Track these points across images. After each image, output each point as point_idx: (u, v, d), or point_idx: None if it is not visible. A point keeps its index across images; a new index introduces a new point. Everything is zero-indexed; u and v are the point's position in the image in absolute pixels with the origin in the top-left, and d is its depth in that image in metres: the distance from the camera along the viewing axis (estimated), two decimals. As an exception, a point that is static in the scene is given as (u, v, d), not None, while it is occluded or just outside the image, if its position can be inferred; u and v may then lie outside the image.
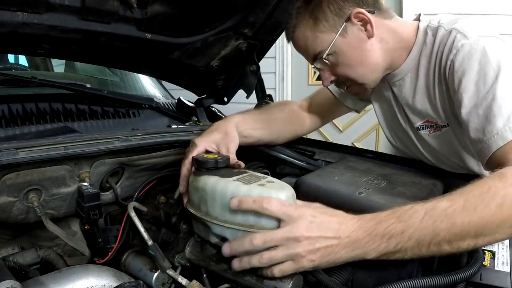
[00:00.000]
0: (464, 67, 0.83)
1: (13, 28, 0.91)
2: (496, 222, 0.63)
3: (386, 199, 0.79)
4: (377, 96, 1.15)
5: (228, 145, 0.98)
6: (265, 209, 0.65)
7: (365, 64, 0.96)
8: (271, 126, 1.20)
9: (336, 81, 1.03)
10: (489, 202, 0.63)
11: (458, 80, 0.84)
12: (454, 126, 0.96)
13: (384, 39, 0.96)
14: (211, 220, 0.73)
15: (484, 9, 2.76)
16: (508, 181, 0.65)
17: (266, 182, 0.74)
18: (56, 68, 2.08)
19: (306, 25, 0.96)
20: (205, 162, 0.80)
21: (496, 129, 0.75)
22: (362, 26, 0.94)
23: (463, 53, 0.84)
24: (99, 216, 0.92)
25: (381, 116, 1.18)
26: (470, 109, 0.81)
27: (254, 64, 1.38)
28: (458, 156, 1.02)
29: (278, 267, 0.65)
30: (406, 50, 0.98)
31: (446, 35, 0.89)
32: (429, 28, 0.95)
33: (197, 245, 0.85)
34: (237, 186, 0.71)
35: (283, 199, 0.68)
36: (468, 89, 0.82)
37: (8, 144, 0.82)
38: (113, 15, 1.01)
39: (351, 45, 0.94)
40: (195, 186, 0.77)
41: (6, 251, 0.88)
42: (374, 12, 0.94)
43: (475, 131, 0.81)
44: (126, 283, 0.76)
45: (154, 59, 1.29)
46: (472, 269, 0.65)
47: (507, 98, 0.76)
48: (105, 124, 1.37)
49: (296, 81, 3.69)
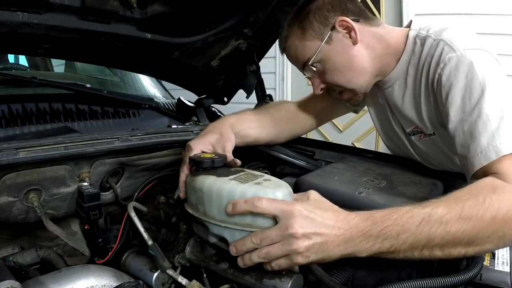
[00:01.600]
0: (451, 80, 0.84)
1: (13, 28, 0.91)
2: (488, 233, 0.65)
3: (386, 199, 0.80)
4: (371, 101, 1.17)
5: (224, 145, 0.99)
6: (257, 207, 0.66)
7: (352, 69, 0.99)
8: (268, 125, 1.20)
9: (326, 89, 1.06)
10: (483, 213, 0.64)
11: (445, 94, 0.85)
12: (442, 135, 0.97)
13: (370, 45, 0.98)
14: (209, 220, 0.73)
15: (484, 9, 2.76)
16: (501, 194, 0.66)
17: (262, 180, 0.73)
18: (56, 68, 2.08)
19: (295, 35, 1.01)
20: (201, 162, 0.80)
21: (480, 147, 0.76)
22: (347, 34, 0.97)
23: (450, 67, 0.84)
24: (99, 216, 0.93)
25: (376, 120, 1.20)
26: (456, 123, 0.82)
27: (254, 64, 1.38)
28: (450, 160, 1.02)
29: (275, 261, 0.66)
30: (395, 57, 1.00)
31: (434, 46, 0.90)
32: (418, 37, 0.96)
33: (197, 245, 0.85)
34: (234, 186, 0.71)
35: (280, 197, 0.69)
36: (455, 103, 0.82)
37: (8, 144, 0.82)
38: (113, 15, 1.01)
39: (336, 51, 0.98)
40: (193, 186, 0.77)
41: (6, 251, 0.88)
42: (359, 20, 0.98)
43: (460, 147, 0.81)
44: (126, 283, 0.76)
45: (154, 59, 1.29)
46: (472, 271, 0.65)
47: (493, 115, 0.76)
48: (105, 124, 1.37)
49: (296, 81, 3.69)
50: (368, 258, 0.66)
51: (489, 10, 2.75)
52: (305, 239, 0.64)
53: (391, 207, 0.67)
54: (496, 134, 0.75)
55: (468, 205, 0.65)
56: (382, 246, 0.64)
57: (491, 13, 2.74)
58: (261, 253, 0.66)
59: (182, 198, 0.91)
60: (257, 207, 0.66)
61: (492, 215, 0.64)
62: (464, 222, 0.64)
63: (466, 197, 0.67)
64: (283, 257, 0.65)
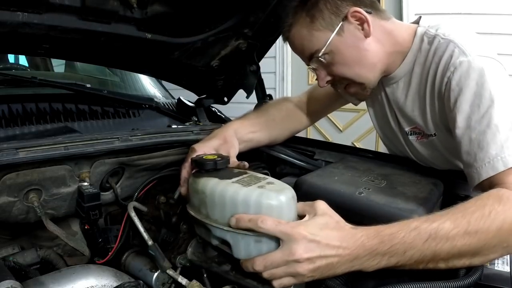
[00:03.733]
0: (460, 86, 0.82)
1: (13, 28, 0.91)
2: (493, 244, 0.65)
3: (386, 199, 0.79)
4: (370, 97, 1.14)
5: (228, 151, 0.98)
6: (260, 228, 0.66)
7: (362, 63, 0.95)
8: (270, 127, 1.20)
9: (332, 81, 1.01)
10: (489, 226, 0.64)
11: (454, 99, 0.83)
12: (442, 137, 0.96)
13: (380, 39, 0.95)
14: (211, 223, 0.73)
15: (484, 9, 2.76)
16: (507, 205, 0.66)
17: (266, 183, 0.72)
18: (56, 68, 2.08)
19: (303, 24, 0.95)
20: (204, 163, 0.79)
21: (488, 157, 0.75)
22: (359, 25, 0.93)
23: (461, 72, 0.82)
24: (99, 216, 0.93)
25: (374, 117, 1.19)
26: (463, 130, 0.81)
27: (254, 64, 1.38)
28: (446, 163, 1.02)
29: (279, 281, 0.66)
30: (401, 54, 0.97)
31: (443, 47, 0.88)
32: (426, 35, 0.94)
33: (199, 246, 0.84)
34: (237, 189, 0.70)
35: (283, 201, 0.68)
36: (463, 109, 0.81)
37: (8, 144, 0.82)
38: (113, 15, 1.01)
39: (347, 43, 0.93)
40: (195, 188, 0.77)
41: (6, 251, 0.88)
42: (371, 12, 0.94)
43: (466, 154, 0.80)
44: (126, 283, 0.76)
45: (154, 59, 1.29)
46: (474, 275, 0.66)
47: (502, 126, 0.76)
48: (105, 124, 1.37)
49: (296, 81, 3.69)
50: None
51: (489, 10, 2.75)
52: (309, 263, 0.63)
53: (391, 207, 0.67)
54: (505, 145, 0.74)
55: (474, 218, 0.65)
56: (389, 262, 0.65)
57: (491, 13, 2.74)
58: (265, 274, 0.66)
59: (184, 193, 0.90)
60: (260, 228, 0.65)
61: (497, 227, 0.64)
62: (470, 237, 0.64)
63: (472, 209, 0.66)
64: (289, 277, 0.66)
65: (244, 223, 0.67)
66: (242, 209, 0.69)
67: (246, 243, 0.69)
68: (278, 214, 0.68)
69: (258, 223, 0.65)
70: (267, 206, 0.67)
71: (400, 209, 0.76)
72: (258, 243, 0.69)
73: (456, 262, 0.66)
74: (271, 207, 0.68)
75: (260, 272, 0.67)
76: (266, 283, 0.70)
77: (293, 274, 0.65)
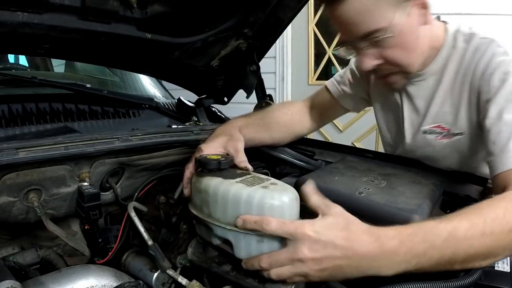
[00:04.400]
0: (500, 82, 0.85)
1: (13, 28, 0.91)
2: (503, 245, 0.65)
3: (386, 199, 0.79)
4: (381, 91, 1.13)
5: (236, 145, 0.96)
6: (265, 230, 0.65)
7: (417, 50, 0.91)
8: (275, 130, 1.20)
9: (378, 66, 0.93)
10: (503, 227, 0.64)
11: (492, 93, 0.85)
12: (473, 134, 0.96)
13: (428, 31, 0.91)
14: (213, 222, 0.72)
15: (484, 9, 2.76)
16: None
17: (269, 184, 0.73)
18: (56, 68, 2.08)
19: None
20: (207, 163, 0.79)
21: None
22: (422, 10, 0.88)
23: (504, 69, 0.85)
24: (99, 216, 0.93)
25: (381, 111, 1.17)
26: (494, 120, 0.82)
27: (254, 64, 1.38)
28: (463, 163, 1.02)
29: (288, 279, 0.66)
30: (435, 50, 0.96)
31: (485, 46, 0.90)
32: (460, 33, 0.94)
33: (199, 246, 0.84)
34: (240, 189, 0.70)
35: (286, 201, 0.68)
36: (498, 102, 0.83)
37: (8, 144, 0.82)
38: (113, 15, 1.01)
39: (409, 27, 0.87)
40: (198, 187, 0.77)
41: (6, 251, 0.89)
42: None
43: (492, 144, 0.81)
44: (126, 283, 0.76)
45: (154, 59, 1.29)
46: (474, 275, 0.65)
47: None
48: (105, 124, 1.38)
49: (296, 81, 3.69)
50: None
51: (489, 10, 2.75)
52: (315, 263, 0.62)
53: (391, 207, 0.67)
54: None
55: (489, 219, 0.64)
56: (409, 265, 0.62)
57: (491, 13, 2.74)
58: (271, 274, 0.66)
59: (187, 195, 0.90)
60: (265, 229, 0.65)
61: (510, 228, 0.64)
62: (486, 237, 0.63)
63: (486, 209, 0.66)
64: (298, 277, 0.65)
65: (250, 224, 0.67)
66: (244, 208, 0.69)
67: (247, 242, 0.69)
68: (280, 214, 0.68)
69: (263, 224, 0.65)
70: (269, 206, 0.68)
71: (400, 209, 0.76)
72: (260, 242, 0.69)
73: (469, 264, 0.65)
74: (274, 207, 0.68)
75: (267, 271, 0.66)
76: (266, 283, 0.70)
77: (300, 274, 0.64)
